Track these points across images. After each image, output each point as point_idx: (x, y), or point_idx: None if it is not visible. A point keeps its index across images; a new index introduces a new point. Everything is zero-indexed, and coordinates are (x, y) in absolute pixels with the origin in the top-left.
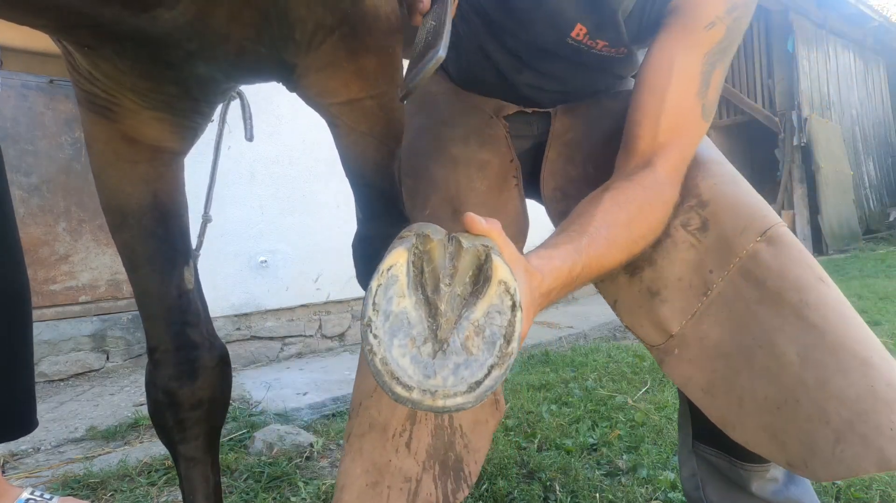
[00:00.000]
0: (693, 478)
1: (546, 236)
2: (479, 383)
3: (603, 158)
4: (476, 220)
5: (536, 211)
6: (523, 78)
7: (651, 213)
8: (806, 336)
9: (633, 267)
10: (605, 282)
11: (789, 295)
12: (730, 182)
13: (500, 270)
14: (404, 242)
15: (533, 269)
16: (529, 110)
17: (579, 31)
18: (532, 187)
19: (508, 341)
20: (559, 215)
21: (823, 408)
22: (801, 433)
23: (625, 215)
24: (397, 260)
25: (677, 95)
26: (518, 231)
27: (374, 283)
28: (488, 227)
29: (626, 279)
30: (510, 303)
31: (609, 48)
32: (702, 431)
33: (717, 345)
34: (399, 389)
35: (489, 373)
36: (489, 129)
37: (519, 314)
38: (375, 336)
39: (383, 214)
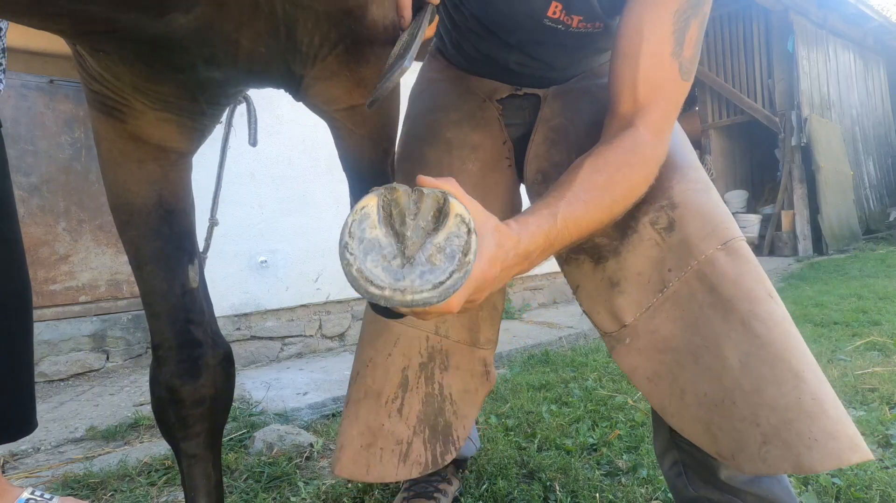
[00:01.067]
0: (675, 466)
1: None
2: (441, 283)
3: (587, 146)
4: (428, 178)
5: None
6: (513, 57)
7: (631, 173)
8: (749, 345)
9: (598, 256)
10: (571, 267)
11: (740, 304)
12: (702, 190)
13: (456, 207)
14: (374, 191)
15: (507, 230)
16: (521, 92)
17: (555, 8)
18: (521, 173)
19: (465, 254)
20: (539, 198)
21: (756, 412)
22: (732, 430)
23: (603, 178)
24: (368, 202)
25: (651, 57)
26: (511, 210)
27: (349, 219)
28: (442, 182)
29: (591, 267)
30: (465, 229)
31: (585, 24)
32: None
33: (667, 339)
34: (373, 289)
35: (450, 276)
36: (482, 112)
37: (474, 237)
38: (352, 254)
39: None
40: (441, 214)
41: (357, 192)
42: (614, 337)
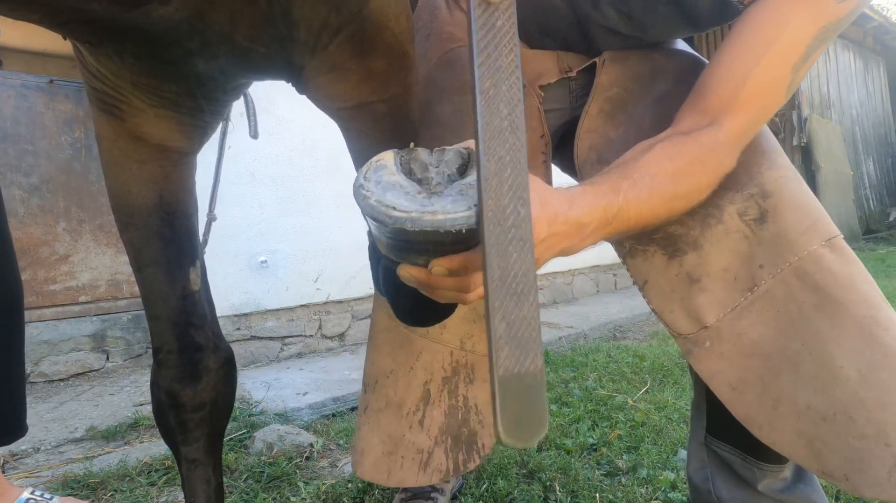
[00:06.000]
0: (703, 470)
1: None
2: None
3: (648, 124)
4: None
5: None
6: (597, 15)
7: (701, 172)
8: (871, 354)
9: (674, 249)
10: (637, 260)
11: (856, 308)
12: (794, 178)
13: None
14: (390, 150)
15: (554, 189)
16: (572, 73)
17: None
18: (560, 156)
19: None
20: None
21: (884, 430)
22: (847, 449)
23: (673, 167)
24: (384, 156)
25: (776, 60)
26: None
27: (363, 168)
28: (468, 143)
29: (664, 261)
30: None
31: None
32: (715, 426)
33: (757, 343)
34: (397, 213)
35: None
36: None
37: None
38: (368, 190)
39: None
40: (467, 168)
41: None
42: (691, 339)
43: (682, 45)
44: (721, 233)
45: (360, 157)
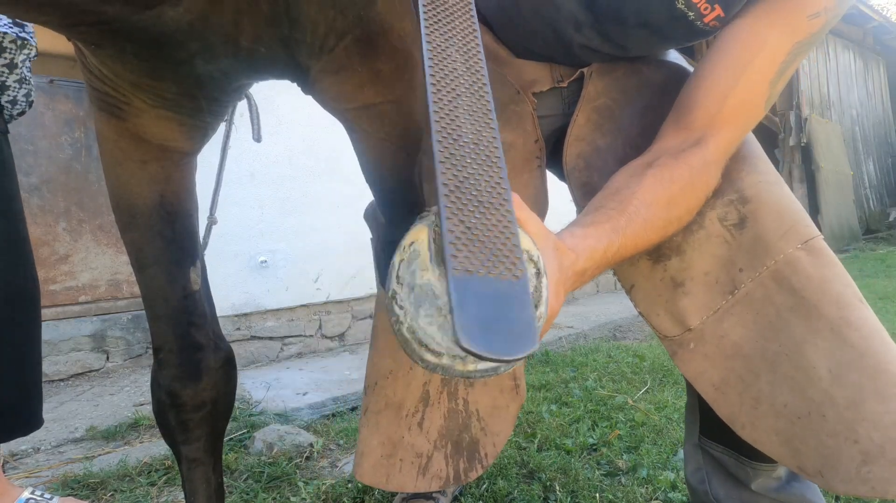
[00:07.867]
0: (699, 471)
1: (562, 218)
2: None
3: (635, 133)
4: None
5: (553, 194)
6: (581, 36)
7: (692, 195)
8: (842, 354)
9: (658, 254)
10: (625, 266)
11: (828, 309)
12: (774, 182)
13: (523, 241)
14: (424, 220)
15: (565, 247)
16: (564, 83)
17: None
18: (554, 161)
19: (536, 306)
20: (581, 187)
21: (853, 428)
22: (820, 446)
23: (666, 195)
24: (418, 236)
25: (754, 76)
26: (537, 213)
27: (396, 259)
28: None
29: (649, 265)
30: (534, 270)
31: (716, 22)
32: (709, 427)
33: (737, 344)
34: (429, 356)
35: None
36: (514, 106)
37: (544, 280)
38: (401, 307)
39: (405, 219)
40: None
41: (382, 205)
42: (676, 341)
43: (672, 53)
44: (702, 238)
45: (365, 157)
